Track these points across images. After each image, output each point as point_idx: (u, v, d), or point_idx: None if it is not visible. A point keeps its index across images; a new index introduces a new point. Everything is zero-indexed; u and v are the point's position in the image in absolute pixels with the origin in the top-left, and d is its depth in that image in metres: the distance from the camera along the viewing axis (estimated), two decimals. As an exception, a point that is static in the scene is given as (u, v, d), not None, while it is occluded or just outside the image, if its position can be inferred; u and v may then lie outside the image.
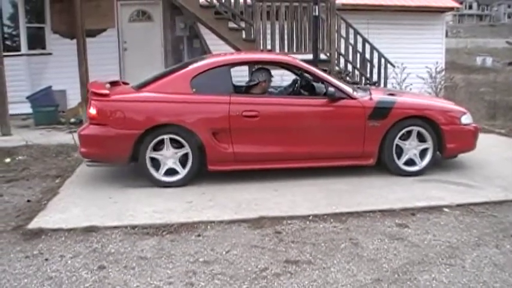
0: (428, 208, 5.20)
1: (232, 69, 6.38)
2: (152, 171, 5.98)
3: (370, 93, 6.44)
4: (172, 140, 5.96)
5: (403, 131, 6.26)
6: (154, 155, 5.96)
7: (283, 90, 6.97)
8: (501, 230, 4.66)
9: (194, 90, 6.05)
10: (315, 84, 6.65)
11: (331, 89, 6.18)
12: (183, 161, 6.02)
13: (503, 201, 5.41)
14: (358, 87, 7.02)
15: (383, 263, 3.99)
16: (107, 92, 6.04)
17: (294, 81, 7.02)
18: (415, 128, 6.28)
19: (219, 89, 6.12)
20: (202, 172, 6.11)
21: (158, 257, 4.11)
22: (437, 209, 5.19)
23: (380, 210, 5.12)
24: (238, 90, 6.58)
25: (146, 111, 5.96)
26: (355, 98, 6.25)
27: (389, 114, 6.18)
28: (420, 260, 4.04)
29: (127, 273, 3.85)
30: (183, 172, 6.02)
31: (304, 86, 6.84)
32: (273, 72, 6.81)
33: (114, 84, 6.64)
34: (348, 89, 6.39)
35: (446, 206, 5.25)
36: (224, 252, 4.19)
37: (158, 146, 5.97)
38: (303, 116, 6.19)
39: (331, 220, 4.89)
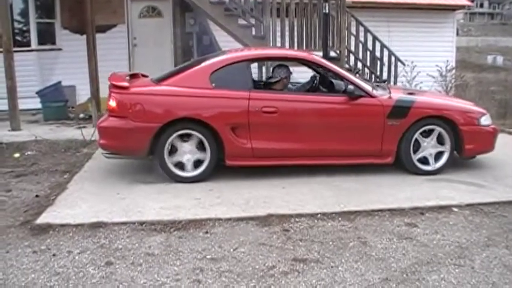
0: (437, 208, 5.16)
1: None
2: (170, 165, 5.98)
3: (390, 92, 6.41)
4: (190, 135, 5.97)
5: (422, 129, 6.23)
6: (173, 148, 5.96)
7: (302, 87, 6.94)
8: (511, 231, 4.62)
9: (214, 84, 6.05)
10: (333, 81, 6.62)
11: (350, 86, 6.16)
12: (201, 156, 6.02)
13: (514, 202, 5.37)
14: (377, 86, 6.98)
15: (391, 263, 3.96)
16: (126, 84, 6.04)
17: (313, 78, 6.99)
18: (437, 129, 6.25)
19: (239, 84, 6.12)
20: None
21: (166, 254, 4.10)
22: (447, 208, 5.15)
23: (389, 209, 5.09)
24: (257, 85, 6.58)
25: (165, 104, 5.96)
26: (374, 96, 6.22)
27: (408, 113, 6.15)
28: (429, 260, 4.01)
29: (134, 269, 3.84)
30: (201, 167, 6.02)
31: (323, 83, 6.82)
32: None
33: (133, 76, 6.65)
34: (368, 87, 6.37)
35: (455, 206, 5.21)
36: (232, 250, 4.18)
37: (177, 140, 5.97)
38: (322, 113, 6.18)
39: (340, 218, 4.87)
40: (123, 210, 5.04)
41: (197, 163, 6.03)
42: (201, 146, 6.01)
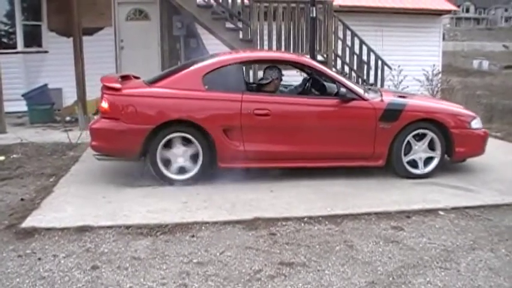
0: (423, 211, 5.18)
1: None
2: (162, 168, 5.96)
3: (381, 95, 6.44)
4: (183, 137, 5.95)
5: (413, 133, 6.26)
6: (165, 151, 5.94)
7: (294, 90, 6.96)
8: (496, 234, 4.65)
9: (206, 87, 6.05)
10: (325, 84, 6.64)
11: (343, 89, 6.18)
12: (193, 158, 6.00)
13: (499, 205, 5.41)
14: (369, 89, 7.01)
15: (378, 266, 3.97)
16: (119, 86, 6.01)
17: (305, 81, 7.01)
18: (430, 134, 6.27)
19: (231, 86, 6.13)
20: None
21: (152, 258, 4.08)
22: (433, 212, 5.18)
23: (375, 213, 5.10)
24: (249, 88, 6.59)
25: (158, 106, 5.94)
26: (366, 99, 6.25)
27: (400, 116, 6.18)
28: (415, 264, 4.02)
29: (120, 273, 3.82)
30: (194, 169, 6.01)
31: (315, 85, 6.83)
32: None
33: (125, 78, 6.61)
34: (360, 90, 6.40)
35: (441, 209, 5.24)
36: (218, 254, 4.17)
37: (169, 142, 5.95)
38: (314, 115, 6.17)
39: (326, 222, 4.87)
40: (109, 214, 5.01)
41: (189, 166, 6.00)
42: (193, 148, 5.99)
